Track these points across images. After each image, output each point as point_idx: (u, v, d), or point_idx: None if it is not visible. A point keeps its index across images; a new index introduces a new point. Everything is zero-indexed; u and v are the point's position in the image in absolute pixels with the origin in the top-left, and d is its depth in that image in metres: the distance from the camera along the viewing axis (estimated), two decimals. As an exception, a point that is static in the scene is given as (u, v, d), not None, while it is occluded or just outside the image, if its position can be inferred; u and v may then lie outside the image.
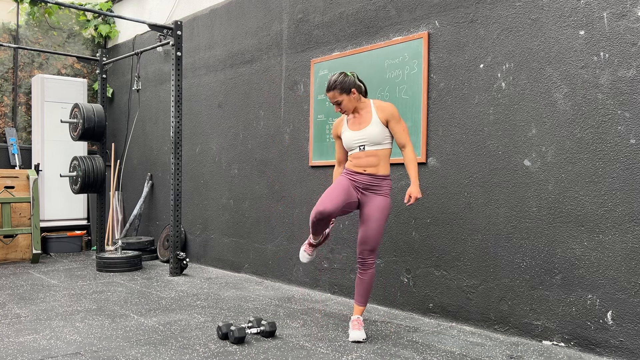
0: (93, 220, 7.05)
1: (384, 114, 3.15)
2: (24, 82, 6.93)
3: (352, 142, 3.20)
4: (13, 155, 6.56)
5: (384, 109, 3.17)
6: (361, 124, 3.20)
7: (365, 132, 3.16)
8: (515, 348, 3.03)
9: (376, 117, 3.16)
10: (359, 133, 3.18)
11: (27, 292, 4.34)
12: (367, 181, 3.16)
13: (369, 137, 3.15)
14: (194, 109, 5.96)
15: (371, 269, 3.18)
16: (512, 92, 3.29)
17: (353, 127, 3.23)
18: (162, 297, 4.21)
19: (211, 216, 5.67)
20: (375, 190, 3.16)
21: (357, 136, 3.18)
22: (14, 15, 6.83)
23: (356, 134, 3.19)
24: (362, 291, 3.21)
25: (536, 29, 3.19)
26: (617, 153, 2.87)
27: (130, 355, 2.81)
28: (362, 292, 3.21)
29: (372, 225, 3.12)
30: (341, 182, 3.18)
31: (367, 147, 3.16)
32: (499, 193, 3.35)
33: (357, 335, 3.09)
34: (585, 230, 2.98)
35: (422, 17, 3.76)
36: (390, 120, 3.15)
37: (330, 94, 3.17)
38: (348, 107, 3.18)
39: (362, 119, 3.20)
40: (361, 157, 3.17)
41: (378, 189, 3.16)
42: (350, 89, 3.15)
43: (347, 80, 3.15)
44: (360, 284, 3.21)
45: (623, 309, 2.83)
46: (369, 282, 3.20)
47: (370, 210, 3.14)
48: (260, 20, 5.09)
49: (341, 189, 3.13)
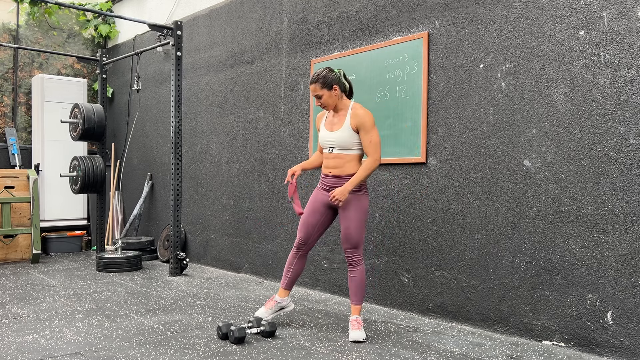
0: (93, 220, 7.05)
1: (355, 121, 3.15)
2: (24, 82, 6.93)
3: (323, 142, 3.27)
4: (13, 155, 6.57)
5: (357, 116, 3.15)
6: (335, 125, 3.24)
7: (335, 134, 3.20)
8: (515, 348, 3.03)
9: (348, 123, 3.18)
10: (331, 134, 3.22)
11: (27, 292, 4.34)
12: (334, 183, 3.23)
13: (337, 141, 3.19)
14: (194, 109, 5.96)
15: (359, 266, 3.21)
16: (512, 92, 3.29)
17: (328, 127, 3.27)
18: (162, 297, 4.21)
19: (211, 216, 5.67)
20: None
21: (329, 137, 3.23)
22: (14, 15, 6.83)
23: (328, 135, 3.24)
24: (356, 289, 3.22)
25: (536, 29, 3.19)
26: (617, 153, 2.87)
27: (130, 355, 2.81)
28: (355, 290, 3.23)
29: (349, 224, 3.18)
30: (311, 206, 3.33)
31: (335, 150, 3.22)
32: (499, 193, 3.35)
33: (357, 335, 3.09)
34: (585, 230, 2.98)
35: (422, 17, 3.76)
36: (360, 129, 3.15)
37: (312, 86, 3.19)
38: (328, 102, 3.20)
39: (337, 121, 3.24)
40: (329, 158, 3.25)
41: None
42: (332, 84, 3.17)
43: (330, 75, 3.17)
44: (352, 282, 3.23)
45: (623, 309, 2.83)
46: (361, 279, 3.21)
47: (344, 209, 3.20)
48: (260, 20, 5.09)
49: (312, 213, 3.31)
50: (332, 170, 3.23)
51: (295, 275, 3.39)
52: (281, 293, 3.40)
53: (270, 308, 3.40)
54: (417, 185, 3.78)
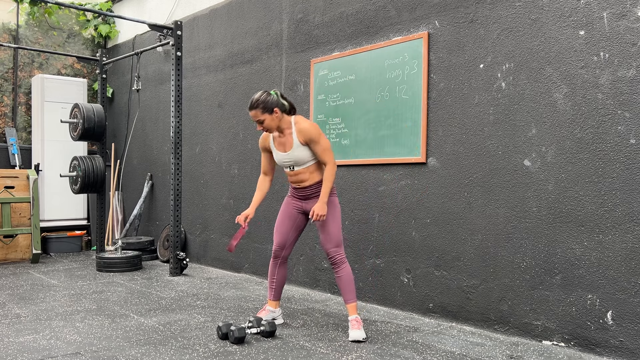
0: (93, 220, 7.05)
1: (303, 137, 3.20)
2: (24, 82, 6.93)
3: (281, 162, 3.31)
4: (13, 155, 6.57)
5: (303, 131, 3.19)
6: (285, 146, 3.27)
7: (290, 155, 3.24)
8: (515, 348, 3.03)
9: (297, 141, 3.22)
10: (286, 155, 3.26)
11: (27, 292, 4.34)
12: (306, 192, 3.32)
13: (294, 159, 3.24)
14: (194, 109, 5.96)
15: (344, 264, 3.25)
16: (512, 92, 3.29)
17: (279, 148, 3.31)
18: (162, 297, 4.21)
19: (211, 216, 5.67)
20: (316, 196, 3.31)
21: (285, 158, 3.27)
22: (14, 15, 6.83)
23: (283, 156, 3.27)
24: (347, 287, 3.24)
25: (536, 29, 3.19)
26: (617, 153, 2.87)
27: (130, 355, 2.81)
28: (347, 288, 3.25)
29: (328, 226, 3.24)
30: (283, 211, 3.40)
31: (295, 167, 3.27)
32: (499, 193, 3.35)
33: (357, 335, 3.09)
34: (585, 230, 2.98)
35: (422, 17, 3.76)
36: (309, 143, 3.21)
37: (252, 112, 3.18)
38: (271, 125, 3.21)
39: (285, 140, 3.27)
40: (292, 175, 3.31)
41: (315, 195, 3.32)
42: (272, 108, 3.17)
43: (269, 99, 3.17)
44: (342, 281, 3.25)
45: (623, 309, 2.83)
46: (349, 276, 3.24)
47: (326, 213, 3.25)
48: (260, 20, 5.09)
49: (285, 218, 3.39)
50: (300, 184, 3.32)
51: (279, 284, 3.47)
52: (271, 304, 3.48)
53: (265, 316, 3.46)
54: (417, 185, 3.78)
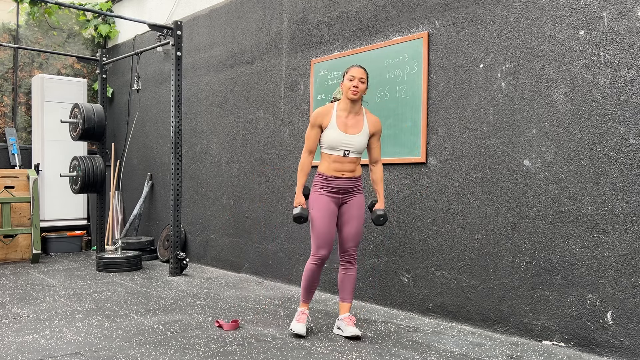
0: (93, 220, 7.05)
1: (374, 127, 3.21)
2: (24, 82, 6.93)
3: (338, 143, 3.12)
4: (13, 155, 6.56)
5: (375, 123, 3.22)
6: (352, 128, 3.15)
7: (354, 138, 3.14)
8: (515, 348, 3.03)
9: (367, 128, 3.19)
10: (349, 137, 3.13)
11: (27, 292, 4.34)
12: (347, 185, 3.18)
13: (356, 146, 3.15)
14: (194, 109, 5.96)
15: (356, 264, 3.28)
16: (512, 92, 3.29)
17: (342, 128, 3.14)
18: (162, 297, 4.21)
19: (211, 216, 5.67)
20: (354, 191, 3.22)
21: (346, 139, 3.12)
22: (14, 15, 6.83)
23: (345, 137, 3.12)
24: (351, 287, 3.26)
25: (536, 29, 3.19)
26: (617, 153, 2.87)
27: (130, 355, 2.81)
28: (350, 287, 3.26)
29: (356, 223, 3.21)
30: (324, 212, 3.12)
31: (351, 154, 3.15)
32: (499, 193, 3.35)
33: (354, 331, 3.11)
34: (585, 230, 2.98)
35: (422, 17, 3.76)
36: (375, 135, 3.23)
37: (361, 71, 3.11)
38: (363, 92, 3.15)
39: (354, 123, 3.16)
40: (343, 163, 3.14)
41: (356, 189, 3.23)
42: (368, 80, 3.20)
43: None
44: (348, 280, 3.25)
45: (623, 309, 2.83)
46: (355, 277, 3.28)
47: (353, 209, 3.22)
48: (260, 20, 5.09)
49: (329, 221, 3.14)
50: (345, 173, 3.16)
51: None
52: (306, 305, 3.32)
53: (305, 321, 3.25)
54: (417, 185, 3.78)
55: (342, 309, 3.27)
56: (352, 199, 3.22)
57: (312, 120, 3.17)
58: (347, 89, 3.11)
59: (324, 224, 3.13)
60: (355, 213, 3.21)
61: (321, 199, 3.16)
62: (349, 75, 3.12)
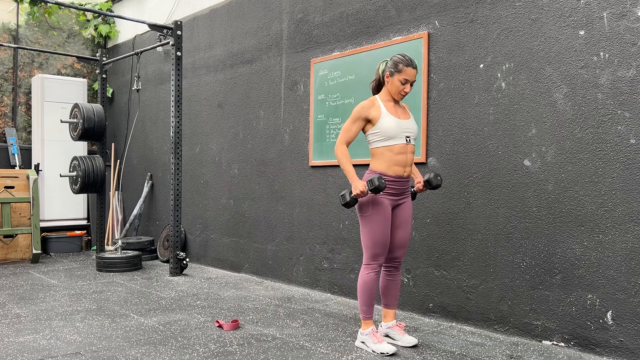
0: (93, 220, 7.05)
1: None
2: (24, 82, 6.93)
3: (399, 130, 2.88)
4: (13, 155, 6.56)
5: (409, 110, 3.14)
6: (402, 115, 2.99)
7: (409, 123, 2.95)
8: (515, 348, 3.03)
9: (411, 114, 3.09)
10: (407, 122, 2.94)
11: (27, 292, 4.34)
12: (405, 186, 2.97)
13: (413, 131, 2.97)
14: (194, 109, 5.96)
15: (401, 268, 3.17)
16: (512, 92, 3.29)
17: (395, 115, 2.94)
18: (162, 297, 4.21)
19: (211, 216, 5.67)
20: (407, 192, 3.03)
21: (406, 125, 2.92)
22: (14, 15, 6.83)
23: (404, 122, 2.92)
24: (397, 293, 3.12)
25: (536, 29, 3.19)
26: (617, 153, 2.87)
27: (130, 355, 2.81)
28: (396, 294, 3.12)
29: (409, 228, 3.06)
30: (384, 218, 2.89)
31: (411, 140, 2.95)
32: (499, 193, 3.35)
33: (412, 340, 3.02)
34: (585, 230, 2.98)
35: (422, 17, 3.76)
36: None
37: (414, 72, 2.90)
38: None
39: (402, 111, 3.01)
40: (406, 152, 2.91)
41: (409, 190, 3.05)
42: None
43: None
44: (394, 286, 3.10)
45: (623, 309, 2.83)
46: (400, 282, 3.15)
47: (407, 213, 3.03)
48: (260, 20, 5.09)
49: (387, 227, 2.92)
50: (406, 168, 2.94)
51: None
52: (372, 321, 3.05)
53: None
54: (417, 185, 3.78)
55: (388, 315, 3.13)
56: (405, 200, 3.01)
57: (357, 114, 2.92)
58: (397, 91, 2.91)
59: (385, 231, 2.90)
60: (408, 216, 3.03)
61: (381, 202, 2.90)
62: (403, 76, 2.88)
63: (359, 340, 3.01)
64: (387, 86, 2.96)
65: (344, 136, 2.94)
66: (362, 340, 2.99)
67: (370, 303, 2.97)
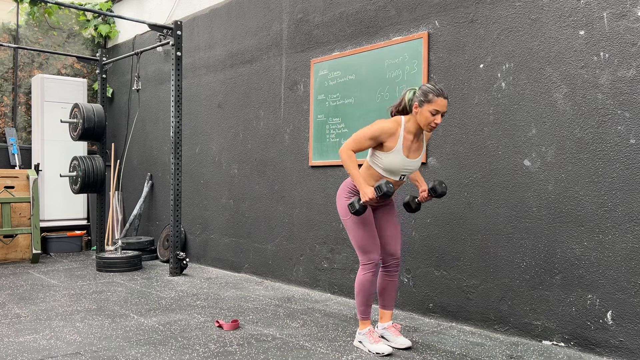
0: (93, 220, 7.05)
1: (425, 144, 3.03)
2: (24, 82, 6.93)
3: (400, 168, 2.89)
4: (13, 155, 6.56)
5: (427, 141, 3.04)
6: (414, 153, 2.92)
7: (414, 163, 2.92)
8: (515, 348, 3.03)
9: (424, 149, 3.01)
10: (411, 162, 2.90)
11: (27, 292, 4.34)
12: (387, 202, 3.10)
13: (414, 169, 2.95)
14: (194, 109, 5.96)
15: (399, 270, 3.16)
16: (512, 92, 3.29)
17: (406, 152, 2.88)
18: (162, 297, 4.21)
19: (211, 216, 5.67)
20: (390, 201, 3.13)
21: (408, 165, 2.90)
22: (14, 15, 6.83)
23: (409, 162, 2.89)
24: (394, 294, 3.12)
25: (536, 29, 3.19)
26: (617, 153, 2.87)
27: (130, 355, 2.81)
28: (394, 295, 3.11)
29: (396, 224, 3.08)
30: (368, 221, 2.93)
31: (406, 177, 2.97)
32: (499, 193, 3.35)
33: (405, 342, 3.00)
34: (585, 230, 2.98)
35: (422, 17, 3.76)
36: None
37: (446, 102, 2.80)
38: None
39: (417, 147, 2.93)
40: (394, 185, 2.90)
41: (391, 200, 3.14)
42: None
43: None
44: (392, 287, 3.10)
45: (623, 309, 2.83)
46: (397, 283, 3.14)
47: (388, 214, 3.07)
48: (260, 20, 5.09)
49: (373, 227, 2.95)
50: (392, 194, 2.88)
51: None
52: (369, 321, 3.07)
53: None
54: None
55: (384, 316, 3.12)
56: (389, 206, 3.09)
57: (375, 134, 2.83)
58: (427, 122, 2.79)
59: (368, 228, 2.93)
60: (391, 216, 3.06)
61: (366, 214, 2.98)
62: (433, 106, 2.76)
63: (357, 340, 3.04)
64: (415, 116, 2.85)
65: (355, 146, 2.86)
66: (360, 340, 3.01)
67: (368, 303, 2.98)
